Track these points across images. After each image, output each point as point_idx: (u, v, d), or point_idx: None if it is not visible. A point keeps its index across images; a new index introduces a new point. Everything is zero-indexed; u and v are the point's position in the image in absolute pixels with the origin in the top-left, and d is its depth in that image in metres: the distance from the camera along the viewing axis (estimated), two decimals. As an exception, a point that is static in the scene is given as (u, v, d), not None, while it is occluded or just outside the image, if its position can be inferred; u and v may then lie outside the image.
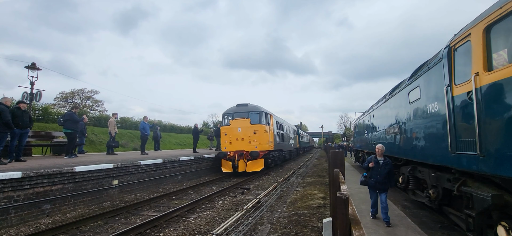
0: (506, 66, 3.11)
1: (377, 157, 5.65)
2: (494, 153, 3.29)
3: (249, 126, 13.69)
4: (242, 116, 14.17)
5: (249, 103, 14.87)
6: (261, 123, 13.89)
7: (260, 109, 14.45)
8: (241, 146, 13.54)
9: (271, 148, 14.91)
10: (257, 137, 13.50)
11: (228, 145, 13.82)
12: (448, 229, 5.23)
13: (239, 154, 13.34)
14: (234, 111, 14.57)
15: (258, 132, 13.52)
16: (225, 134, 13.97)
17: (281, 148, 18.19)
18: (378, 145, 5.76)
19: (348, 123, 74.42)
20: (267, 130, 14.23)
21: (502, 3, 3.21)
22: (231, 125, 14.08)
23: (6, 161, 7.65)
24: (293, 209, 6.89)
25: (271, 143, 14.90)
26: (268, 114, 15.01)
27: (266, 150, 14.08)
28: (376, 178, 5.50)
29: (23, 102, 8.78)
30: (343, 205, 2.44)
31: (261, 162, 13.61)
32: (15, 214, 5.67)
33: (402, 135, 7.24)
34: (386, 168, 5.49)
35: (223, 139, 14.10)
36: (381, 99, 11.04)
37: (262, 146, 13.53)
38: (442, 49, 4.85)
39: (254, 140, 13.44)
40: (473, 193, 3.83)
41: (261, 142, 13.52)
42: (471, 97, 3.66)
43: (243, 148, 13.49)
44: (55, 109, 23.44)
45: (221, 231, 4.89)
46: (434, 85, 5.13)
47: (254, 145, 13.38)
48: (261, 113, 14.23)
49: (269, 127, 14.78)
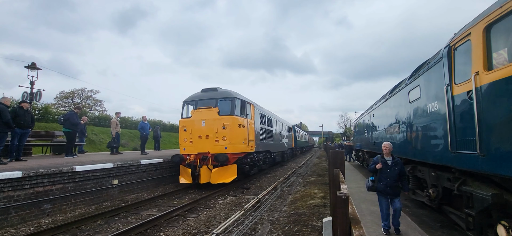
0: (506, 66, 3.11)
1: (384, 156, 4.95)
2: (494, 152, 3.30)
3: (217, 118, 9.75)
4: (208, 105, 10.23)
5: (219, 88, 11.06)
6: (234, 113, 9.90)
7: (233, 95, 10.41)
8: (205, 146, 9.76)
9: (251, 149, 11.09)
10: (228, 134, 9.58)
11: (188, 144, 10.03)
12: (448, 228, 5.24)
13: (203, 157, 9.58)
14: (198, 99, 10.66)
15: (229, 127, 9.60)
16: (185, 130, 10.12)
17: (267, 148, 14.26)
18: (385, 143, 5.01)
19: (348, 122, 74.43)
20: (243, 124, 10.37)
21: (502, 3, 3.21)
22: (192, 117, 10.22)
23: (6, 160, 7.65)
24: (293, 208, 6.90)
25: (250, 142, 11.03)
26: (247, 103, 11.11)
27: (242, 152, 10.28)
28: (386, 181, 4.75)
29: (26, 102, 8.79)
30: (343, 204, 2.45)
31: (233, 169, 9.80)
32: (15, 214, 5.67)
33: (402, 134, 7.25)
34: (396, 168, 4.79)
35: (181, 136, 10.25)
36: (381, 99, 11.05)
37: (234, 147, 9.69)
38: (442, 49, 4.85)
39: (223, 138, 9.59)
40: (473, 192, 3.83)
41: (233, 140, 9.66)
42: (471, 96, 3.66)
43: (208, 149, 9.71)
44: (55, 109, 23.43)
45: (221, 231, 4.89)
46: (434, 84, 5.13)
47: (223, 145, 9.58)
48: (235, 101, 10.15)
49: (248, 120, 10.89)
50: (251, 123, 11.36)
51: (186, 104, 10.98)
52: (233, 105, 10.10)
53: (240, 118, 10.22)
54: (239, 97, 10.61)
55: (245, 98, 11.16)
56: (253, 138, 11.43)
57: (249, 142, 10.91)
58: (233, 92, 10.76)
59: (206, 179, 9.37)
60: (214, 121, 9.81)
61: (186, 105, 10.96)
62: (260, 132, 12.87)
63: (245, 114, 10.82)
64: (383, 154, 4.98)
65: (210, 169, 9.40)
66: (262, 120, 13.56)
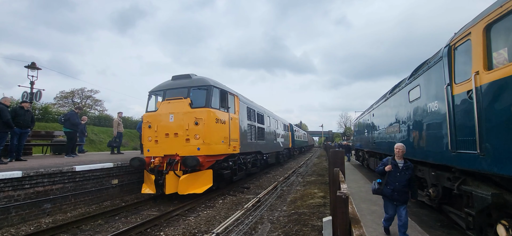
0: (506, 65, 3.11)
1: (396, 158, 4.56)
2: (494, 151, 3.30)
3: (188, 111, 7.82)
4: (178, 95, 8.27)
5: (193, 75, 8.98)
6: (210, 106, 7.92)
7: (210, 82, 8.36)
8: (174, 146, 7.81)
9: (234, 150, 9.21)
10: (202, 131, 7.64)
11: (153, 145, 8.05)
12: (448, 228, 5.25)
13: (170, 160, 7.64)
14: (167, 88, 8.70)
15: (203, 122, 7.66)
16: (149, 126, 8.14)
17: (258, 149, 12.25)
18: (398, 144, 4.61)
19: (348, 122, 74.48)
20: (223, 119, 8.49)
21: (502, 2, 3.21)
22: (158, 111, 8.23)
23: (6, 160, 7.66)
24: (293, 208, 6.90)
25: (233, 141, 9.11)
26: (228, 94, 9.15)
27: (221, 154, 8.41)
28: (394, 185, 4.39)
29: (26, 102, 8.79)
30: (343, 203, 2.45)
31: (207, 176, 7.82)
32: (15, 213, 5.67)
33: (402, 133, 7.25)
34: (407, 173, 4.40)
35: (145, 135, 8.24)
36: (381, 98, 11.04)
37: (210, 147, 7.73)
38: (442, 48, 4.85)
39: (196, 136, 7.67)
40: (473, 191, 3.84)
41: (208, 139, 7.71)
42: (471, 96, 3.67)
43: (177, 150, 7.73)
44: (55, 109, 23.43)
45: (222, 230, 4.90)
46: (434, 84, 5.13)
47: (195, 145, 7.63)
48: (211, 90, 8.15)
49: (230, 114, 9.03)
50: (234, 118, 9.39)
51: (152, 95, 8.88)
52: (209, 96, 8.06)
53: (218, 112, 8.25)
54: (217, 86, 8.60)
55: (226, 88, 9.29)
56: (237, 136, 9.47)
57: (232, 141, 8.97)
58: (210, 79, 8.72)
59: (173, 189, 7.36)
60: (184, 114, 7.82)
61: (153, 97, 8.87)
62: (248, 130, 10.94)
63: (226, 108, 8.88)
64: (394, 156, 4.58)
65: (178, 176, 7.36)
66: (251, 116, 11.56)
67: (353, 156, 25.27)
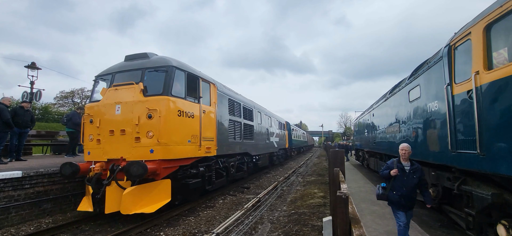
0: (506, 65, 3.11)
1: (401, 160, 4.06)
2: (494, 151, 3.30)
3: (140, 100, 5.90)
4: (129, 79, 6.25)
5: (152, 54, 6.96)
6: (169, 93, 5.97)
7: (171, 63, 6.36)
8: (119, 148, 5.87)
9: (206, 152, 7.13)
10: (156, 126, 5.73)
11: (94, 145, 6.14)
12: (448, 228, 5.25)
13: (114, 167, 5.67)
14: (116, 70, 6.65)
15: (158, 114, 5.74)
16: (91, 121, 6.26)
17: (244, 149, 10.32)
18: (403, 145, 4.11)
19: (348, 122, 74.51)
20: (189, 111, 6.45)
21: (502, 2, 3.21)
22: (102, 100, 6.31)
23: (6, 160, 7.66)
24: (293, 208, 6.91)
25: (206, 140, 7.08)
26: (200, 80, 7.11)
27: (187, 158, 6.42)
28: (401, 191, 3.88)
29: (26, 102, 8.80)
30: (343, 203, 2.46)
31: (163, 187, 5.84)
32: (15, 213, 5.67)
33: (402, 133, 7.25)
34: (415, 177, 3.91)
35: (86, 132, 6.36)
36: (381, 98, 11.05)
37: (168, 149, 5.84)
38: (442, 48, 4.85)
39: (148, 133, 5.74)
40: (473, 191, 3.84)
41: (166, 137, 5.81)
42: (471, 96, 3.67)
43: (123, 152, 5.80)
44: (55, 108, 23.44)
45: (222, 230, 4.90)
46: (434, 84, 5.14)
47: (147, 146, 5.73)
48: (172, 72, 6.20)
49: (202, 106, 6.98)
50: (209, 111, 7.35)
51: (99, 81, 6.83)
52: (169, 80, 6.01)
53: (182, 102, 6.22)
54: (182, 67, 6.50)
55: (197, 72, 7.13)
56: (212, 134, 7.45)
57: (204, 141, 6.93)
58: (174, 60, 6.56)
59: (115, 206, 5.37)
60: (134, 104, 5.81)
61: (100, 83, 6.81)
62: (230, 127, 9.01)
63: (197, 97, 6.86)
64: (399, 158, 4.10)
65: (123, 188, 5.35)
66: (234, 110, 9.67)
67: (353, 156, 25.37)
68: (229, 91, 9.73)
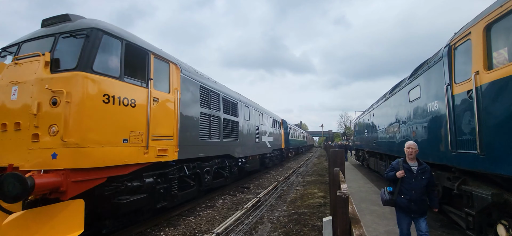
0: (506, 65, 3.11)
1: (407, 160, 3.71)
2: (494, 151, 3.30)
3: (42, 78, 3.94)
4: (36, 50, 4.28)
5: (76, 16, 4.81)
6: (88, 68, 4.01)
7: (97, 25, 4.36)
8: (11, 149, 3.91)
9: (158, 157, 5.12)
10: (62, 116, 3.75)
11: None
12: (448, 228, 5.25)
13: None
14: (24, 39, 4.77)
15: (64, 99, 3.76)
16: None
17: (224, 151, 8.45)
18: (409, 142, 3.76)
19: (348, 122, 74.53)
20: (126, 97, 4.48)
21: (502, 2, 3.21)
22: None
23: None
24: (293, 208, 6.91)
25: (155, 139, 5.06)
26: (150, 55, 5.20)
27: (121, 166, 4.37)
28: (410, 194, 3.52)
29: None
30: (343, 203, 2.46)
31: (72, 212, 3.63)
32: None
33: (402, 133, 7.25)
34: (424, 178, 3.56)
35: None
36: (381, 98, 11.06)
37: (82, 152, 3.79)
38: (442, 48, 4.86)
39: (52, 128, 3.76)
40: (473, 191, 3.84)
41: (78, 134, 3.78)
42: (471, 96, 3.67)
43: (15, 157, 3.84)
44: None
45: (222, 230, 4.90)
46: (434, 84, 5.14)
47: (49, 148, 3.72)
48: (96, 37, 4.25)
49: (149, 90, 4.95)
50: (165, 100, 5.45)
51: (6, 57, 4.86)
52: (89, 49, 4.14)
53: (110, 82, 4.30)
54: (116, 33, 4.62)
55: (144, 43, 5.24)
56: (169, 131, 5.51)
57: (153, 140, 5.02)
58: (101, 22, 4.61)
59: None
60: (35, 85, 4.00)
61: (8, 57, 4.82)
62: (201, 122, 6.97)
63: (144, 80, 4.96)
64: (405, 158, 3.75)
65: (8, 212, 3.64)
66: (209, 101, 7.56)
67: (352, 156, 25.38)
68: (202, 79, 7.47)
